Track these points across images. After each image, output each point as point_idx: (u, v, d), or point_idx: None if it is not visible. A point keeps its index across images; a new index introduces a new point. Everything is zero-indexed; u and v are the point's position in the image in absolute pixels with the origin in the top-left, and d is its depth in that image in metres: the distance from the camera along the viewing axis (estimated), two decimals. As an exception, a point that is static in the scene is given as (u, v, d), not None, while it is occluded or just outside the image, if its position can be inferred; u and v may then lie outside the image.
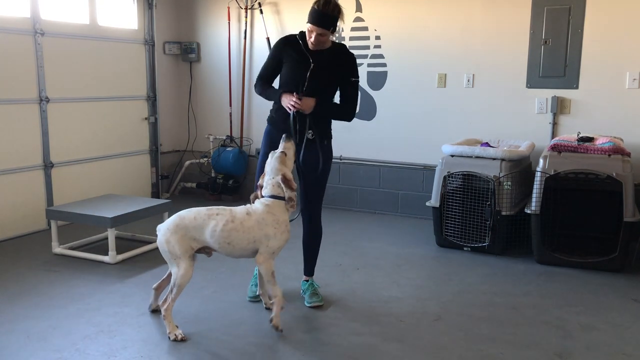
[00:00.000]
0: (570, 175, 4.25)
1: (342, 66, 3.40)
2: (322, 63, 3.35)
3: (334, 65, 3.37)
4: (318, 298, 3.56)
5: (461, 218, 4.60)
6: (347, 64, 3.42)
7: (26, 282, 3.89)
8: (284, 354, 2.95)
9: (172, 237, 3.06)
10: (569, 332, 3.21)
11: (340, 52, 3.43)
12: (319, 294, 3.60)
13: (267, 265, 3.09)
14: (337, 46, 3.46)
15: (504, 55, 5.19)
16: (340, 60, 3.40)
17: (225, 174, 6.34)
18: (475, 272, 4.16)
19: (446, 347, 3.04)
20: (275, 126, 3.47)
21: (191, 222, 3.08)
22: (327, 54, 3.37)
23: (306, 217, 3.56)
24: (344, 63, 3.41)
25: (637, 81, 4.77)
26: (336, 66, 3.38)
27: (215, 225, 3.05)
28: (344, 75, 3.42)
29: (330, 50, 3.39)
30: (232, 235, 3.05)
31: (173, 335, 3.05)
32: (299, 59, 3.36)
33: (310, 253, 3.66)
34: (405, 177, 5.73)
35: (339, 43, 3.52)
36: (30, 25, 4.97)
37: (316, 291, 3.61)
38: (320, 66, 3.35)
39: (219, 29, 6.44)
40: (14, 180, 4.94)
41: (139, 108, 6.20)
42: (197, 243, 3.10)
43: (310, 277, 3.69)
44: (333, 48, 3.41)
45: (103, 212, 4.35)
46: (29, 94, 5.02)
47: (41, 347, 2.99)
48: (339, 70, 3.40)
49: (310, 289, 3.61)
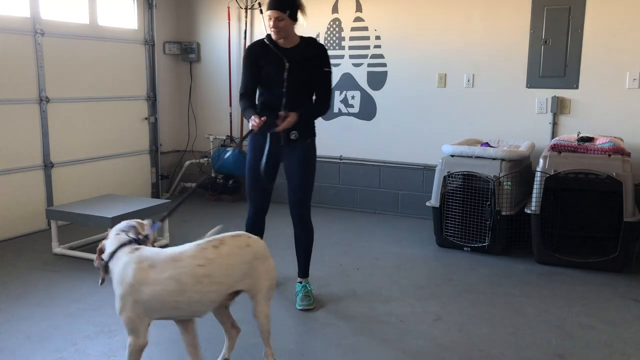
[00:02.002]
0: (570, 175, 4.25)
1: (315, 58, 3.40)
2: (296, 59, 3.34)
3: (306, 58, 3.37)
4: (309, 301, 3.51)
5: (461, 218, 4.60)
6: (319, 55, 3.42)
7: (26, 282, 3.89)
8: (283, 354, 2.95)
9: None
10: (569, 332, 3.21)
11: (310, 44, 3.44)
12: (311, 296, 3.55)
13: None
14: (306, 39, 3.46)
15: (504, 55, 5.19)
16: (311, 52, 3.40)
17: (225, 174, 6.34)
18: (475, 272, 4.16)
19: (446, 347, 3.04)
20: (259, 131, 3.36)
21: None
22: (298, 49, 3.38)
23: (296, 219, 3.54)
24: (315, 55, 3.40)
25: (637, 81, 4.76)
26: (309, 58, 3.38)
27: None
28: (317, 67, 3.41)
29: (300, 45, 3.40)
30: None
31: None
32: (272, 61, 3.35)
33: (303, 254, 3.62)
34: (405, 177, 5.73)
35: (308, 36, 3.50)
36: (30, 25, 4.97)
37: (309, 294, 3.55)
38: (295, 63, 3.34)
39: (219, 29, 6.44)
40: (14, 180, 4.94)
41: (139, 108, 6.20)
42: None
43: (304, 279, 3.64)
44: (302, 42, 3.42)
45: (103, 212, 4.35)
46: (29, 94, 5.01)
47: (41, 347, 2.99)
48: (313, 63, 3.39)
49: (302, 291, 3.56)
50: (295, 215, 3.53)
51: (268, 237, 3.92)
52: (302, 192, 3.49)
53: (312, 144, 3.53)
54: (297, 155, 3.44)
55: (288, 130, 3.34)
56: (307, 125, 3.47)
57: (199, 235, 2.60)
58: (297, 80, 3.35)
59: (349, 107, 5.90)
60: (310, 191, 3.53)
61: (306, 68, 3.37)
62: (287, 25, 3.28)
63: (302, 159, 3.45)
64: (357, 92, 5.85)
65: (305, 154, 3.46)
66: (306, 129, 3.46)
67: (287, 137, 3.39)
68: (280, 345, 3.03)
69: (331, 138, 5.96)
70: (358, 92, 5.85)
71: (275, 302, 3.59)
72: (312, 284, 3.86)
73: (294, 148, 3.43)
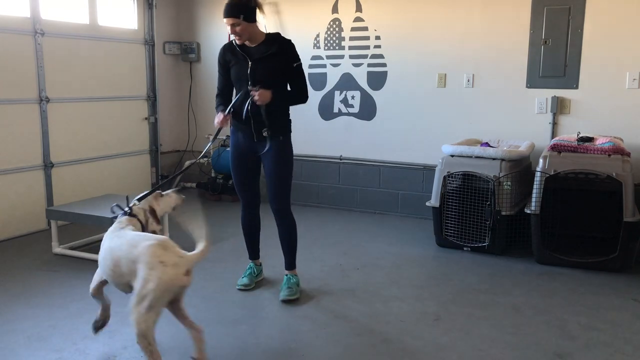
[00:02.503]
0: (570, 175, 4.25)
1: (280, 54, 3.43)
2: (258, 56, 3.42)
3: (270, 54, 3.41)
4: (291, 292, 3.59)
5: (461, 218, 4.60)
6: (284, 50, 3.45)
7: (26, 282, 3.89)
8: (283, 354, 2.95)
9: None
10: (569, 332, 3.21)
11: (273, 40, 3.46)
12: (293, 287, 3.63)
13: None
14: (271, 35, 3.51)
15: (504, 55, 5.19)
16: (275, 49, 3.42)
17: (225, 174, 6.33)
18: (475, 272, 4.16)
19: (446, 347, 3.04)
20: (240, 130, 3.56)
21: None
22: (262, 46, 3.44)
23: (275, 214, 3.62)
24: (280, 50, 3.43)
25: (637, 81, 4.77)
26: (273, 55, 3.41)
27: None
28: (285, 62, 3.45)
29: (264, 42, 3.45)
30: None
31: None
32: (237, 60, 3.47)
33: (287, 247, 3.69)
34: (405, 177, 5.73)
35: (274, 32, 3.56)
36: (30, 25, 4.98)
37: (292, 286, 3.64)
38: (257, 60, 3.41)
39: (219, 29, 6.44)
40: (14, 180, 4.94)
41: (139, 108, 6.20)
42: None
43: (289, 272, 3.71)
44: (267, 38, 3.47)
45: (103, 212, 4.34)
46: (29, 94, 5.02)
47: (41, 347, 2.99)
48: (279, 59, 3.42)
49: (287, 283, 3.66)
50: (274, 211, 3.61)
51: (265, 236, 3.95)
52: (278, 188, 3.56)
53: (285, 141, 3.57)
54: (271, 152, 3.51)
55: (260, 127, 3.45)
56: (279, 123, 3.51)
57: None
58: (260, 76, 3.39)
59: (348, 107, 5.90)
60: (285, 187, 3.59)
61: (270, 64, 3.41)
62: (244, 29, 3.35)
63: (276, 156, 3.52)
64: (357, 92, 5.85)
65: (279, 151, 3.52)
66: (278, 126, 3.50)
67: (260, 133, 3.48)
68: (281, 345, 3.03)
69: (331, 138, 5.96)
70: (358, 92, 5.85)
71: (276, 302, 3.60)
72: (312, 283, 3.87)
73: (267, 145, 3.49)
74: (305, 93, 3.56)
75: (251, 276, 3.83)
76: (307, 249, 4.41)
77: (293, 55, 3.47)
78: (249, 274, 3.84)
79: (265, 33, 3.50)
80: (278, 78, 3.46)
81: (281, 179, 3.56)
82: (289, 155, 3.59)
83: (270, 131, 3.46)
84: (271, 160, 3.53)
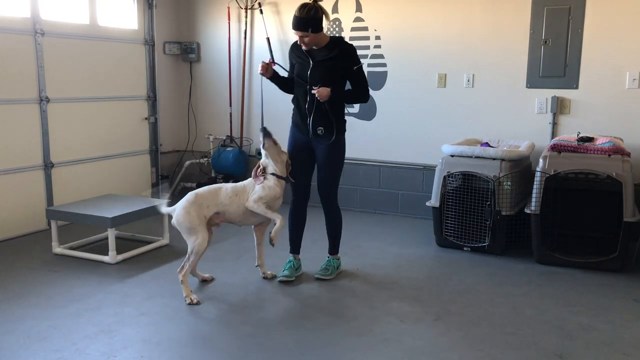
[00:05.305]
0: (570, 175, 4.25)
1: (341, 58, 3.66)
2: (319, 60, 3.66)
3: (331, 59, 3.65)
4: (325, 272, 3.96)
5: (461, 218, 4.60)
6: (345, 55, 3.67)
7: (26, 282, 3.89)
8: (283, 354, 2.95)
9: (192, 208, 3.55)
10: (569, 332, 3.21)
11: (336, 45, 3.70)
12: (330, 268, 3.99)
13: (254, 204, 3.60)
14: (334, 40, 3.73)
15: (504, 55, 5.19)
16: (337, 53, 3.65)
17: (225, 174, 6.34)
18: (475, 272, 4.16)
19: (446, 347, 3.04)
20: (297, 127, 3.86)
21: (205, 194, 3.62)
22: (325, 50, 3.68)
23: (324, 201, 3.92)
24: (341, 54, 3.66)
25: (637, 81, 4.77)
26: (334, 59, 3.65)
27: (225, 190, 3.66)
28: (346, 66, 3.68)
29: (327, 46, 3.69)
30: (239, 194, 3.66)
31: (189, 299, 3.49)
32: (301, 60, 3.75)
33: (332, 234, 4.03)
34: (405, 177, 5.73)
35: (337, 37, 3.78)
36: (30, 25, 4.98)
37: (328, 267, 3.99)
38: (318, 63, 3.66)
39: (219, 29, 6.44)
40: (14, 180, 4.94)
41: (139, 108, 6.20)
42: (209, 211, 3.59)
43: (331, 255, 4.05)
44: (329, 43, 3.69)
45: (103, 212, 4.35)
46: (29, 94, 5.02)
47: (41, 347, 2.99)
48: (339, 63, 3.66)
49: (326, 264, 4.02)
50: (322, 201, 3.94)
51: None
52: (327, 183, 3.87)
53: (338, 140, 3.79)
54: (324, 150, 3.78)
55: (315, 125, 3.72)
56: (334, 122, 3.72)
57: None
58: (318, 78, 3.63)
59: (349, 107, 5.90)
60: (334, 183, 3.90)
61: (329, 67, 3.64)
62: (312, 39, 3.61)
63: (328, 154, 3.79)
64: (357, 92, 5.85)
65: (331, 150, 3.78)
66: (333, 126, 3.72)
67: (315, 131, 3.74)
68: (280, 345, 3.03)
69: (331, 138, 5.96)
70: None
71: (276, 302, 3.60)
72: (312, 283, 3.88)
73: (322, 143, 3.76)
74: (366, 92, 3.79)
75: (291, 269, 3.97)
76: (307, 249, 4.41)
77: (353, 59, 3.69)
78: (289, 267, 3.98)
79: (330, 36, 3.74)
80: (335, 80, 3.66)
81: (332, 177, 3.86)
82: (341, 152, 3.86)
83: (325, 131, 3.72)
84: (323, 158, 3.80)
